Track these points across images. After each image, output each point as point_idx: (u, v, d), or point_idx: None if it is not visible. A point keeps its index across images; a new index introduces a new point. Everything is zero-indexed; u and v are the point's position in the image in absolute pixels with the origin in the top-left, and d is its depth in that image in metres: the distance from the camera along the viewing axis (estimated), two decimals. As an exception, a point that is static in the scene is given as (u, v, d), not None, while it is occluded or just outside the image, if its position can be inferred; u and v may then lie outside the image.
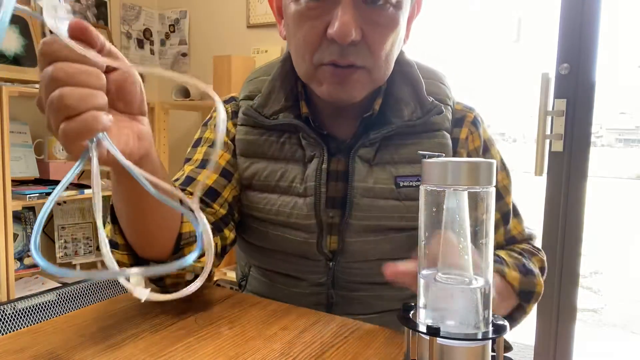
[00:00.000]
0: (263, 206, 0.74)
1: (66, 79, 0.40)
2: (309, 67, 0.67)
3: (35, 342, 0.54)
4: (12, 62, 1.93)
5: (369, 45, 0.64)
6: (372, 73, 0.67)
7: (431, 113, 0.72)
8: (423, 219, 0.43)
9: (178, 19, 2.60)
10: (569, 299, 1.70)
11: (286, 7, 0.68)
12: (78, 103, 0.39)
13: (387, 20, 0.65)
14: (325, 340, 0.57)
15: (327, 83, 0.67)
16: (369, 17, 0.63)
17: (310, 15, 0.64)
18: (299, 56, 0.68)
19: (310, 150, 0.72)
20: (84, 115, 0.40)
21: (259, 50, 2.30)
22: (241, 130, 0.77)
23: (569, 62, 1.61)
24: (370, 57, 0.65)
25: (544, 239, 1.72)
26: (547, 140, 1.67)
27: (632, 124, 8.57)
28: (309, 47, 0.65)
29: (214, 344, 0.54)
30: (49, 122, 0.41)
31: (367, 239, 0.71)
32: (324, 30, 0.63)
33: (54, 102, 0.39)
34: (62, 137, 0.40)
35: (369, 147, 0.72)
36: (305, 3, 0.64)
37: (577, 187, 1.65)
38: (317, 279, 0.75)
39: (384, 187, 0.71)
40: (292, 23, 0.67)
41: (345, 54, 0.64)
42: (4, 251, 1.69)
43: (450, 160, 0.40)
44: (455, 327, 0.40)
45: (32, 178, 2.00)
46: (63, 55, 0.40)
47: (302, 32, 0.65)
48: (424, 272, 0.43)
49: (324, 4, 0.63)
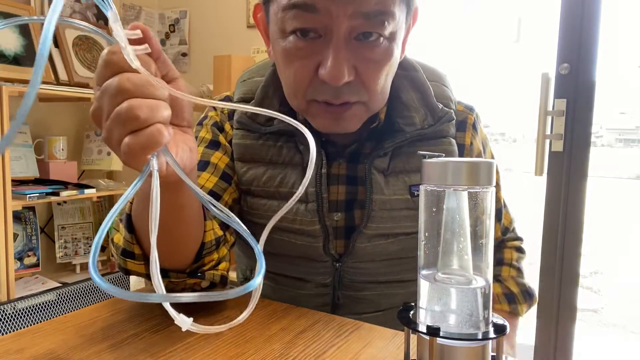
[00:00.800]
0: (264, 212, 0.73)
1: (133, 90, 0.38)
2: (301, 103, 0.65)
3: (35, 342, 0.54)
4: (12, 62, 1.93)
5: (363, 81, 0.62)
6: (368, 105, 0.65)
7: (442, 120, 0.71)
8: (423, 219, 0.43)
9: (178, 19, 2.60)
10: (569, 299, 1.70)
11: (274, 41, 0.65)
12: (147, 115, 0.38)
13: (380, 55, 0.61)
14: (325, 340, 0.57)
15: (321, 118, 0.65)
16: (361, 54, 0.60)
17: (299, 54, 0.61)
18: (290, 92, 0.66)
19: (308, 155, 0.71)
20: (151, 128, 0.38)
21: (259, 50, 2.30)
22: (237, 134, 0.75)
23: (569, 62, 1.61)
24: (365, 92, 0.62)
25: (544, 239, 1.72)
26: (547, 140, 1.67)
27: (632, 124, 8.58)
28: (300, 85, 0.63)
29: (214, 344, 0.54)
30: (109, 135, 0.39)
31: (377, 242, 0.71)
32: (315, 69, 0.61)
33: (121, 114, 0.37)
34: (126, 150, 0.38)
35: (383, 157, 0.70)
36: (294, 42, 0.60)
37: (577, 187, 1.65)
38: (322, 280, 0.74)
39: (399, 198, 0.70)
40: (280, 58, 0.64)
41: (339, 93, 0.61)
42: (4, 251, 1.69)
43: (450, 160, 0.40)
44: (455, 327, 0.40)
45: (32, 178, 2.00)
46: (128, 66, 0.38)
47: (292, 71, 0.62)
48: (424, 272, 0.43)
49: (314, 42, 0.60)
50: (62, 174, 2.09)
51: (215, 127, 0.77)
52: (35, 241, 2.04)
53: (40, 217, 2.16)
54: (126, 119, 0.37)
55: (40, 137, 2.09)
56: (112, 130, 0.39)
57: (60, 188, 1.91)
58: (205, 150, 0.75)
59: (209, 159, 0.74)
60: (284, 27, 0.61)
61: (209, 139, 0.76)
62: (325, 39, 0.59)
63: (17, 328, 1.46)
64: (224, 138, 0.77)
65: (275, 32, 0.63)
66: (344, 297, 0.74)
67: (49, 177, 2.04)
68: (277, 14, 0.61)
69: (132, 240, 0.59)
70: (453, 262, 0.42)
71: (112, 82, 0.38)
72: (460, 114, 0.76)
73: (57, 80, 2.11)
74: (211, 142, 0.76)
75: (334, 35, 0.58)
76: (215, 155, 0.75)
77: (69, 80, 2.14)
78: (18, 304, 1.47)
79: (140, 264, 0.60)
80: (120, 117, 0.38)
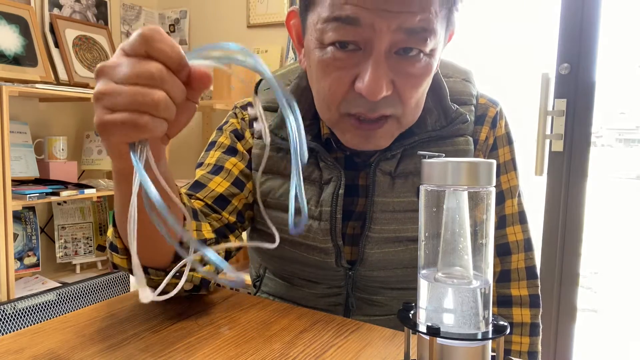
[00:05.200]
0: (277, 225, 0.71)
1: (161, 83, 0.40)
2: (334, 116, 0.64)
3: (35, 342, 0.54)
4: (12, 62, 1.93)
5: (399, 95, 0.60)
6: (400, 120, 0.63)
7: (455, 122, 0.69)
8: (423, 219, 0.43)
9: (178, 19, 2.60)
10: (569, 299, 1.70)
11: (310, 51, 0.63)
12: (164, 108, 0.40)
13: (420, 70, 0.60)
14: (325, 340, 0.57)
15: (351, 134, 0.64)
16: (401, 68, 0.59)
17: (336, 65, 0.59)
18: (323, 104, 0.65)
19: (328, 173, 0.70)
20: (159, 118, 0.40)
21: (259, 50, 2.30)
22: (259, 144, 0.75)
23: (569, 62, 1.61)
24: (400, 106, 0.61)
25: (544, 239, 1.72)
26: (547, 140, 1.67)
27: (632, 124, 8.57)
28: (335, 97, 0.61)
29: (214, 344, 0.54)
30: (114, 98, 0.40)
31: (387, 249, 0.70)
32: (352, 82, 0.59)
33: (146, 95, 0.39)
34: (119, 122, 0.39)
35: (390, 160, 0.69)
36: (332, 52, 0.59)
37: (577, 187, 1.65)
38: (336, 284, 0.74)
39: (404, 200, 0.69)
40: (315, 69, 0.62)
41: (375, 107, 0.60)
42: (4, 251, 1.69)
43: (450, 160, 0.40)
44: (455, 327, 0.40)
45: (32, 178, 2.00)
46: (167, 56, 0.40)
47: (328, 82, 0.61)
48: (424, 272, 0.43)
49: (353, 54, 0.58)
50: (62, 174, 2.09)
51: (234, 134, 0.77)
52: (35, 241, 2.04)
53: (40, 217, 2.16)
54: (147, 101, 0.39)
55: (40, 137, 2.09)
56: (121, 97, 0.39)
57: (60, 188, 1.91)
58: (221, 156, 0.75)
59: (224, 164, 0.74)
60: (323, 39, 0.59)
61: (227, 144, 0.77)
62: (365, 52, 0.58)
63: (17, 328, 1.46)
64: (242, 146, 0.77)
65: (312, 42, 0.62)
66: (357, 300, 0.74)
67: (49, 177, 2.04)
68: (317, 24, 0.60)
69: (115, 234, 0.60)
70: (453, 262, 0.42)
71: (150, 66, 0.39)
72: (481, 107, 0.74)
73: (57, 80, 2.11)
74: (229, 148, 0.76)
75: (375, 49, 0.57)
76: (231, 161, 0.75)
77: (69, 80, 2.14)
78: (18, 304, 1.47)
79: (123, 258, 0.61)
80: (143, 96, 0.39)
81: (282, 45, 2.26)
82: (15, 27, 1.97)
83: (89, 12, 2.33)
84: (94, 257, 2.28)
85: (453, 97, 0.71)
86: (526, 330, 0.75)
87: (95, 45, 2.28)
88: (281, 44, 2.26)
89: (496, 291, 0.76)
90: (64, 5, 2.22)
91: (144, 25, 2.60)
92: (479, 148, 0.73)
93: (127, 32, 2.52)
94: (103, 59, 2.29)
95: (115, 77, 0.40)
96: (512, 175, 0.76)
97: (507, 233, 0.76)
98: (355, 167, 0.72)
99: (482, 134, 0.73)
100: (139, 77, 0.39)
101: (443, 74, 0.73)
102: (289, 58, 2.21)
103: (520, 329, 0.75)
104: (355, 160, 0.72)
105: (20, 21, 1.99)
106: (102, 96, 0.40)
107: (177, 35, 2.61)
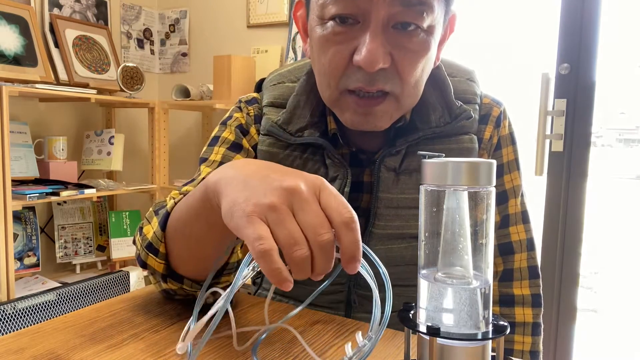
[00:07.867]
0: None
1: (318, 252, 0.41)
2: (334, 93, 0.65)
3: (35, 342, 0.54)
4: (12, 62, 1.93)
5: (398, 70, 0.62)
6: (399, 100, 0.64)
7: (459, 119, 0.70)
8: (423, 218, 0.43)
9: (178, 19, 2.60)
10: (569, 299, 1.70)
11: (312, 30, 0.65)
12: (320, 266, 0.42)
13: (417, 45, 0.61)
14: (325, 340, 0.57)
15: (350, 112, 0.64)
16: (398, 42, 0.60)
17: (336, 40, 0.61)
18: (323, 81, 0.66)
19: (334, 171, 0.70)
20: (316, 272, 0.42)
21: (259, 50, 2.30)
22: (264, 140, 0.75)
23: (569, 62, 1.61)
24: (399, 83, 0.62)
25: (544, 239, 1.72)
26: (547, 140, 1.67)
27: (632, 124, 8.55)
28: (334, 72, 0.63)
29: (214, 344, 0.54)
30: (299, 247, 0.41)
31: (390, 246, 0.70)
32: (350, 55, 0.61)
33: (328, 251, 0.41)
34: (301, 262, 0.41)
35: (395, 156, 0.70)
36: (332, 27, 0.61)
37: (577, 187, 1.65)
38: (338, 280, 0.74)
39: (408, 196, 0.69)
40: (316, 46, 0.64)
41: (373, 80, 0.61)
42: (4, 251, 1.69)
43: (450, 160, 0.40)
44: (455, 327, 0.40)
45: (32, 178, 2.00)
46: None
47: (327, 57, 0.63)
48: (424, 272, 0.43)
49: (351, 28, 0.60)
50: (62, 174, 2.09)
51: (239, 129, 0.77)
52: (35, 241, 2.04)
53: (40, 217, 2.16)
54: (328, 256, 0.41)
55: (40, 137, 2.09)
56: (306, 247, 0.40)
57: (60, 188, 1.91)
58: (226, 152, 0.75)
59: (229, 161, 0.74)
60: (324, 14, 0.61)
61: (231, 140, 0.76)
62: (363, 25, 0.60)
63: (17, 328, 1.46)
64: (247, 142, 0.76)
65: (313, 21, 0.64)
66: (358, 297, 0.74)
67: (49, 177, 2.04)
68: (319, 1, 0.62)
69: (161, 238, 0.59)
70: (453, 262, 0.42)
71: (324, 237, 0.41)
72: (485, 107, 0.75)
73: (57, 80, 2.11)
74: (233, 144, 0.76)
75: (372, 21, 0.59)
76: (236, 158, 0.75)
77: (69, 80, 2.14)
78: (18, 304, 1.47)
79: (161, 262, 0.60)
80: (326, 249, 0.41)
81: (282, 45, 2.26)
82: (15, 27, 1.97)
83: (88, 12, 2.33)
84: (94, 257, 2.28)
85: (457, 96, 0.72)
86: (528, 329, 0.75)
87: (95, 45, 2.28)
88: (281, 44, 2.26)
89: (498, 290, 0.77)
90: (64, 5, 2.22)
91: (144, 25, 2.60)
92: (483, 147, 0.74)
93: (127, 32, 2.52)
94: (103, 59, 2.29)
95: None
96: (515, 175, 0.77)
97: (510, 232, 0.76)
98: (360, 164, 0.73)
99: (486, 132, 0.74)
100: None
101: (447, 73, 0.73)
102: (289, 58, 2.21)
103: (522, 329, 0.75)
104: (360, 157, 0.73)
105: (20, 21, 1.99)
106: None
107: (177, 35, 2.61)
